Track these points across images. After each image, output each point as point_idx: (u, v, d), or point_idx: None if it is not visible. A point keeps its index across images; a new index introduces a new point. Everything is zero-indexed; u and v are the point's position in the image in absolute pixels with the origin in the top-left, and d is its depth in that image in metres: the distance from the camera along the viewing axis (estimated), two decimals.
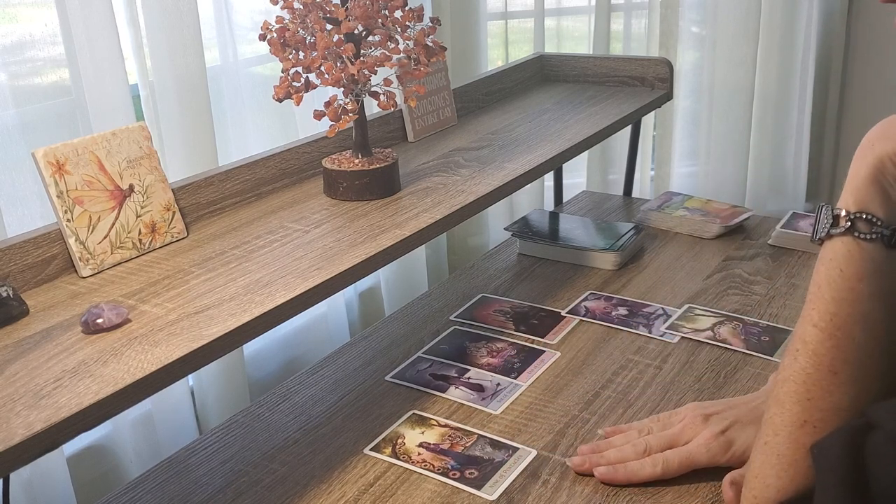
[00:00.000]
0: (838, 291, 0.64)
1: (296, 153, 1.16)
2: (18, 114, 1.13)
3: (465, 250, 1.97)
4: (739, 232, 1.44)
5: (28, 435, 0.63)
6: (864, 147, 0.65)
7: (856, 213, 0.64)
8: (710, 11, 2.27)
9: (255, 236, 0.98)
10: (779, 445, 0.65)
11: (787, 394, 0.65)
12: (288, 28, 1.00)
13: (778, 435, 0.65)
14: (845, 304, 0.64)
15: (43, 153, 0.88)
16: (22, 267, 0.87)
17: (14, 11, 1.14)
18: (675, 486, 0.85)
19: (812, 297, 0.65)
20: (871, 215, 0.64)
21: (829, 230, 0.65)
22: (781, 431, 0.65)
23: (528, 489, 0.87)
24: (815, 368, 0.64)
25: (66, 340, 0.76)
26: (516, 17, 2.09)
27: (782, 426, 0.65)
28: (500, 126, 1.39)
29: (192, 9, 1.23)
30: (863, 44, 2.52)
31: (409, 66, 1.05)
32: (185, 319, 0.79)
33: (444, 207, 1.04)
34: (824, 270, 0.65)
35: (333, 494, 0.88)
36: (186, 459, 0.97)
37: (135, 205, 0.95)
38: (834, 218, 0.65)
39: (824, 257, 0.66)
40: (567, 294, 1.26)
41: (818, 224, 0.66)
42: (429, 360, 1.12)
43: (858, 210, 0.64)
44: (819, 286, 0.65)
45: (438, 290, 1.34)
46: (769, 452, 0.65)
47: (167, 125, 1.27)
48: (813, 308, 0.65)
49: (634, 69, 1.61)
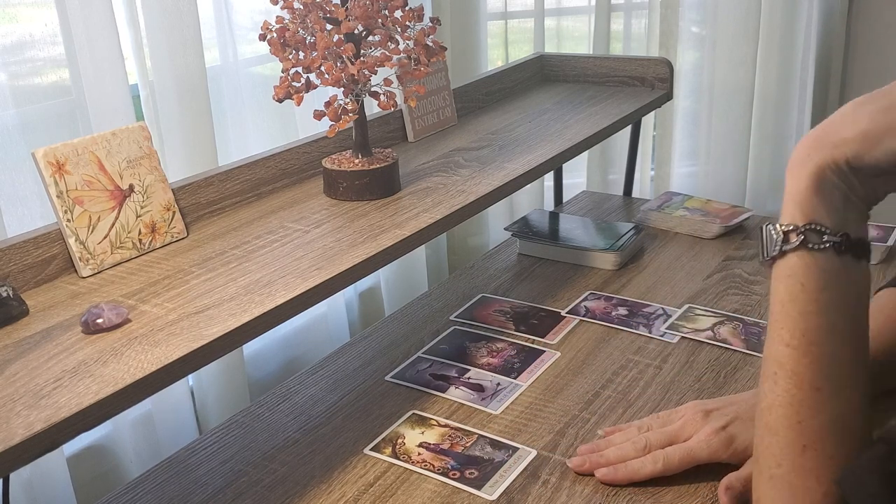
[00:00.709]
0: (804, 305, 0.64)
1: (296, 153, 1.16)
2: (18, 114, 1.13)
3: (465, 250, 1.97)
4: (739, 232, 1.44)
5: (28, 435, 0.63)
6: (800, 159, 0.65)
7: (805, 225, 0.64)
8: (710, 11, 2.27)
9: (255, 236, 0.98)
10: (787, 475, 0.63)
11: (777, 420, 0.64)
12: (288, 28, 1.00)
13: (781, 466, 0.63)
14: (813, 318, 0.63)
15: (43, 153, 0.88)
16: (22, 267, 0.87)
17: (14, 11, 1.14)
18: (675, 486, 0.85)
19: (778, 317, 0.65)
20: (820, 225, 0.64)
21: (782, 247, 0.65)
22: (784, 461, 0.63)
23: (528, 489, 0.87)
24: (799, 388, 0.63)
25: (66, 340, 0.76)
26: (516, 17, 2.08)
27: (784, 456, 0.63)
28: (500, 126, 1.39)
29: (192, 9, 1.23)
30: (863, 44, 2.52)
31: (409, 66, 1.05)
32: (185, 319, 0.79)
33: (444, 207, 1.04)
34: (784, 288, 0.65)
35: (333, 494, 0.88)
36: (186, 459, 0.97)
37: (135, 205, 0.95)
38: (784, 234, 0.65)
39: (781, 275, 0.65)
40: (567, 294, 1.26)
41: (767, 244, 0.66)
42: (429, 360, 1.12)
43: (807, 222, 0.64)
44: (783, 304, 0.65)
45: (438, 290, 1.34)
46: (780, 486, 0.63)
47: (167, 125, 1.27)
48: (782, 327, 0.64)
49: (634, 69, 1.61)
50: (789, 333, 0.64)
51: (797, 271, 0.64)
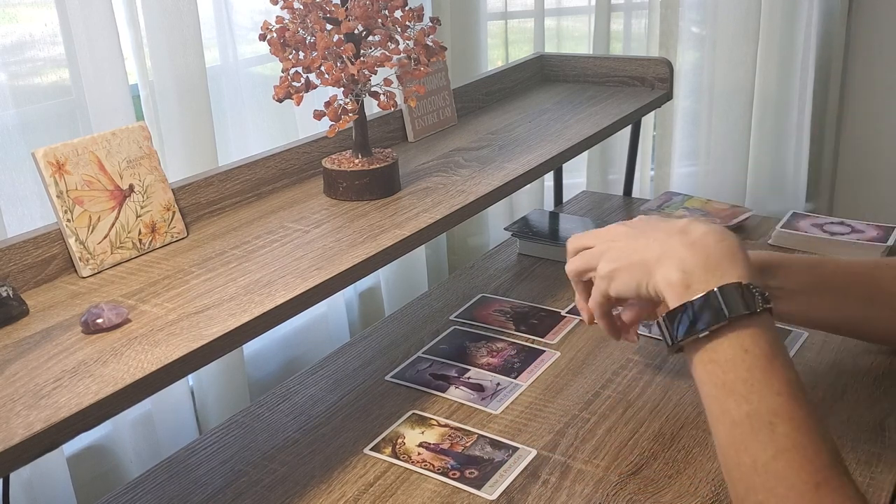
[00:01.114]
0: (786, 357, 0.68)
1: (296, 153, 1.16)
2: (18, 114, 1.13)
3: (465, 250, 1.97)
4: (739, 232, 1.44)
5: (28, 435, 0.63)
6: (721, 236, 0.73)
7: (755, 286, 0.70)
8: (710, 11, 2.27)
9: (255, 236, 0.98)
10: None
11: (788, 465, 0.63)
12: (288, 28, 1.00)
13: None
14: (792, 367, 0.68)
15: (43, 153, 0.88)
16: (22, 267, 0.87)
17: (14, 11, 1.14)
18: (676, 486, 0.85)
19: (765, 371, 0.67)
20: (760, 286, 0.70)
21: (763, 304, 0.69)
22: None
23: (528, 489, 0.87)
24: (799, 431, 0.64)
25: (66, 340, 0.76)
26: (516, 17, 2.08)
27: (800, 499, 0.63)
28: (500, 126, 1.39)
29: (192, 9, 1.23)
30: (863, 44, 2.52)
31: (409, 66, 1.05)
32: (185, 319, 0.79)
33: (444, 207, 1.04)
34: (767, 342, 0.68)
35: (333, 494, 0.88)
36: (186, 459, 0.97)
37: (135, 205, 0.95)
38: (761, 295, 0.69)
39: (759, 332, 0.68)
40: (567, 294, 1.26)
41: (740, 302, 0.68)
42: (429, 360, 1.12)
43: (755, 283, 0.70)
44: (769, 359, 0.67)
45: (438, 290, 1.34)
46: None
47: (167, 125, 1.27)
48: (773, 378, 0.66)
49: (634, 69, 1.61)
50: (780, 383, 0.66)
51: (770, 325, 0.69)
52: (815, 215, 1.43)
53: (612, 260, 0.79)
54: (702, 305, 0.69)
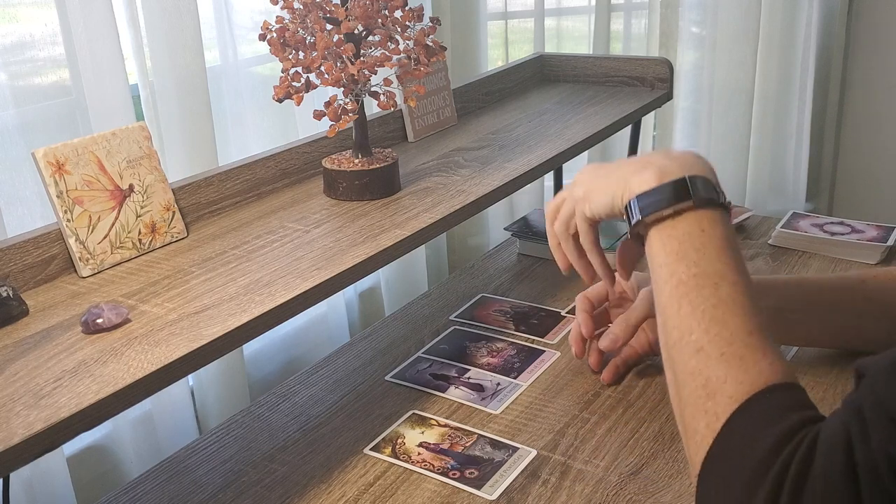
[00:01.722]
0: (738, 248, 0.72)
1: (296, 153, 1.16)
2: (18, 114, 1.12)
3: (465, 250, 1.97)
4: (739, 232, 1.44)
5: (28, 435, 0.63)
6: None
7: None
8: (710, 11, 2.27)
9: (255, 236, 0.98)
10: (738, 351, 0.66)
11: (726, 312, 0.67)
12: (288, 28, 1.00)
13: (732, 345, 0.66)
14: (742, 257, 0.72)
15: (43, 153, 0.88)
16: (22, 267, 0.87)
17: (14, 11, 1.14)
18: (676, 486, 0.85)
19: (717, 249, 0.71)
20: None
21: (724, 200, 0.75)
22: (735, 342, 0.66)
23: (527, 489, 0.87)
24: (741, 294, 0.68)
25: (66, 340, 0.76)
26: (516, 17, 2.08)
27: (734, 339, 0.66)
28: (500, 126, 1.39)
29: (192, 9, 1.23)
30: (863, 44, 2.52)
31: (409, 66, 1.05)
32: (185, 319, 0.79)
33: (444, 207, 1.04)
34: (723, 229, 0.73)
35: (333, 494, 0.88)
36: (186, 459, 0.97)
37: (135, 205, 0.95)
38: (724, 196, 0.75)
39: (717, 219, 0.73)
40: (567, 294, 1.26)
41: (705, 189, 0.73)
42: (429, 360, 1.12)
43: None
44: (722, 240, 0.71)
45: (438, 290, 1.34)
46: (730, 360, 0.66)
47: (167, 125, 1.26)
48: (724, 254, 0.70)
49: (634, 69, 1.61)
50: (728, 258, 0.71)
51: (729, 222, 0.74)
52: (815, 215, 1.43)
53: (587, 182, 0.82)
54: (671, 188, 0.73)
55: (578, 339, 1.05)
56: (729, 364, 0.65)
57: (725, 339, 0.66)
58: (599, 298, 1.07)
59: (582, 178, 0.83)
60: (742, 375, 0.64)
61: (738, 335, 0.66)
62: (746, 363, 0.65)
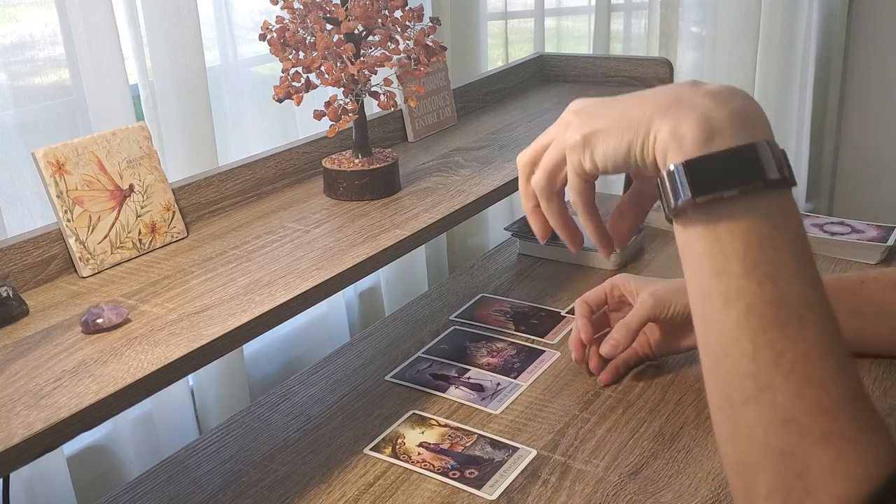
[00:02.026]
0: (811, 249, 0.55)
1: (296, 153, 1.16)
2: (18, 114, 1.12)
3: (465, 250, 1.97)
4: None
5: (28, 435, 0.63)
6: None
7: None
8: (710, 11, 2.27)
9: (255, 236, 0.98)
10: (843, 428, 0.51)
11: (823, 369, 0.52)
12: (288, 28, 1.00)
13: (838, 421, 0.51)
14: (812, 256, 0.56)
15: (43, 153, 0.88)
16: (22, 267, 0.87)
17: (14, 11, 1.14)
18: (676, 486, 0.85)
19: (797, 256, 0.54)
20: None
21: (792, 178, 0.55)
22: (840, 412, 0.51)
23: (528, 489, 0.87)
24: (831, 336, 0.53)
25: (66, 340, 0.76)
26: (516, 17, 2.08)
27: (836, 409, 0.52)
28: (500, 126, 1.39)
29: (192, 9, 1.23)
30: (863, 44, 2.53)
31: (409, 66, 1.05)
32: (185, 319, 0.79)
33: (444, 207, 1.04)
34: (797, 223, 0.54)
35: (333, 494, 0.88)
36: (186, 459, 0.97)
37: (135, 205, 0.95)
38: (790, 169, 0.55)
39: (790, 208, 0.54)
40: (567, 294, 1.26)
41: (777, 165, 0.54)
42: (429, 360, 1.12)
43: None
44: (800, 243, 0.54)
45: (438, 290, 1.34)
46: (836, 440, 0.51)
47: (167, 125, 1.26)
48: (805, 267, 0.54)
49: (634, 69, 1.61)
50: (811, 275, 0.54)
51: (797, 208, 0.55)
52: (815, 215, 1.43)
53: (586, 124, 0.62)
54: (732, 159, 0.53)
55: (578, 344, 1.05)
56: (838, 450, 0.50)
57: (827, 410, 0.51)
58: (598, 302, 1.06)
59: (576, 118, 0.63)
60: (856, 469, 0.49)
61: (843, 405, 0.51)
62: (859, 448, 0.50)
